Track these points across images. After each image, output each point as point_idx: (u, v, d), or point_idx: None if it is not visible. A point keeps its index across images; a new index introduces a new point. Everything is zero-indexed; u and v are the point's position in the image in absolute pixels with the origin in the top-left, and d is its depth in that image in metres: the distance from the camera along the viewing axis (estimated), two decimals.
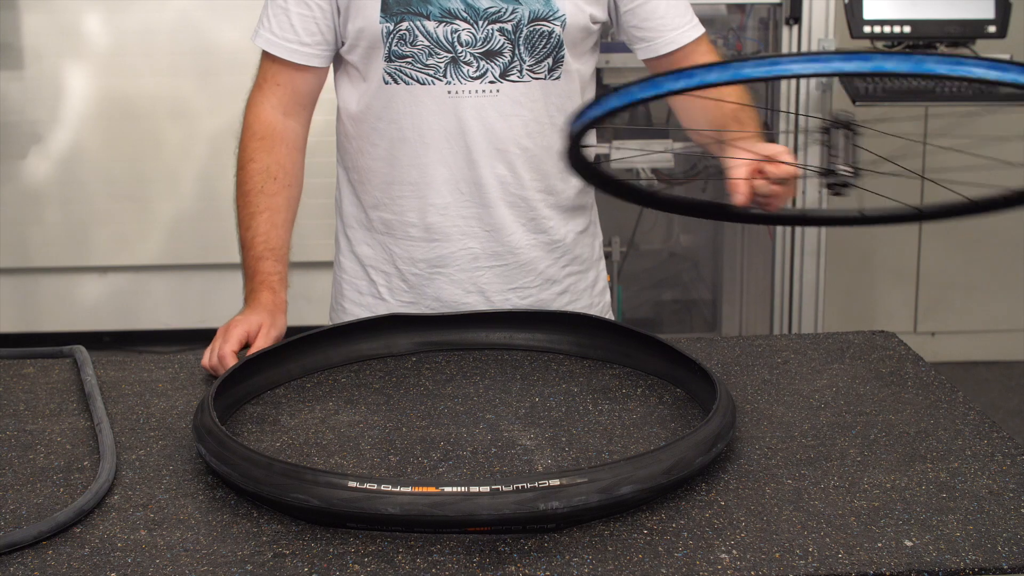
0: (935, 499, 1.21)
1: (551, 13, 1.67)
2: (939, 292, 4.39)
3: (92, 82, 4.12)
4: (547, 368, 1.61)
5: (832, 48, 3.28)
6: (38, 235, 4.24)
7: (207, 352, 1.58)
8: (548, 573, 1.07)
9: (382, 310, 1.80)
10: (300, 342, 1.59)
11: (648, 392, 1.53)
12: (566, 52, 1.71)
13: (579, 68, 1.75)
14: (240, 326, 1.60)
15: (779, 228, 3.42)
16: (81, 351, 1.66)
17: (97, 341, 4.33)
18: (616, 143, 3.49)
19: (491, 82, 1.68)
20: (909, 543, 1.12)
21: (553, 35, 1.68)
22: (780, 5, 3.32)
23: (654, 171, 3.65)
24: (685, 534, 1.14)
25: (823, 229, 3.40)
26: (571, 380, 1.57)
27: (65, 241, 4.24)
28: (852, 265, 4.32)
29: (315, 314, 4.27)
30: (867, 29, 3.29)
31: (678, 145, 3.65)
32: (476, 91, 1.68)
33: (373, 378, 1.59)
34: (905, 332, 4.30)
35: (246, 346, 1.60)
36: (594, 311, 1.87)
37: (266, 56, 1.74)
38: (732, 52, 3.64)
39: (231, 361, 1.54)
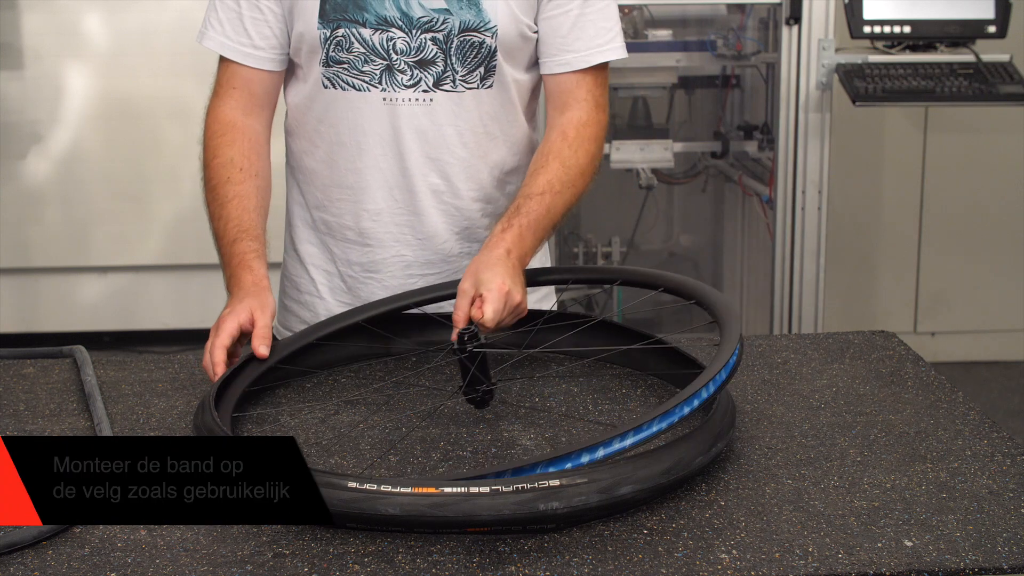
0: (935, 499, 1.21)
1: (482, 24, 1.66)
2: (939, 292, 4.40)
3: (92, 82, 4.12)
4: (547, 368, 1.61)
5: (833, 47, 3.28)
6: (38, 235, 4.24)
7: (205, 352, 1.53)
8: (548, 573, 1.07)
9: (320, 308, 1.79)
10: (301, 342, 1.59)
11: (648, 392, 1.53)
12: (499, 62, 1.68)
13: (517, 78, 1.72)
14: (229, 319, 1.53)
15: (779, 227, 3.42)
16: (81, 351, 1.66)
17: (97, 341, 4.33)
18: (616, 143, 3.49)
19: (425, 91, 1.67)
20: (909, 543, 1.12)
21: (484, 45, 1.67)
22: (780, 5, 3.31)
23: (654, 171, 3.64)
24: (685, 534, 1.14)
25: (823, 229, 3.40)
26: (571, 380, 1.57)
27: (65, 241, 4.24)
28: (852, 265, 4.32)
29: None
30: (867, 29, 3.28)
31: (678, 145, 3.65)
32: (411, 99, 1.68)
33: (373, 378, 1.59)
34: (905, 332, 4.30)
35: (248, 341, 1.56)
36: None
37: (221, 60, 1.72)
38: (732, 52, 3.64)
39: (222, 357, 1.49)
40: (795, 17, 3.28)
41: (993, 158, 4.28)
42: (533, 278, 1.63)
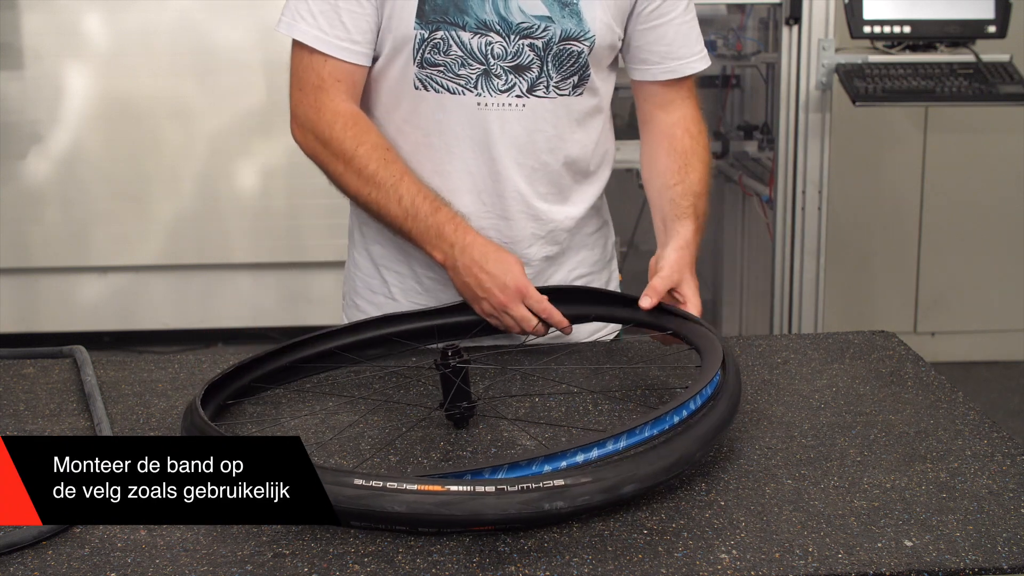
0: (935, 499, 1.21)
1: (582, 33, 1.66)
2: (939, 292, 4.40)
3: (92, 82, 4.12)
4: (547, 368, 1.61)
5: (833, 47, 3.28)
6: (38, 235, 4.24)
7: (519, 316, 1.60)
8: (548, 573, 1.07)
9: (392, 311, 1.77)
10: (303, 343, 1.58)
11: (648, 392, 1.53)
12: (591, 71, 1.69)
13: (601, 86, 1.74)
14: (525, 282, 1.61)
15: (779, 227, 3.42)
16: (81, 351, 1.66)
17: (97, 341, 4.33)
18: (616, 143, 3.48)
19: (518, 96, 1.66)
20: (909, 543, 1.12)
21: (581, 55, 1.67)
22: (780, 5, 3.32)
23: None
24: (685, 534, 1.14)
25: (823, 229, 3.40)
26: (571, 380, 1.57)
27: (65, 241, 4.24)
28: (852, 265, 4.32)
29: (316, 314, 4.28)
30: (867, 29, 3.29)
31: None
32: (504, 104, 1.66)
33: (373, 378, 1.59)
34: (905, 332, 4.30)
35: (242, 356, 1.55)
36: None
37: (311, 53, 1.64)
38: (732, 52, 3.64)
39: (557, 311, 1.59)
40: (795, 17, 3.28)
41: (993, 158, 4.28)
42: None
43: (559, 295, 1.65)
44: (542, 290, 1.64)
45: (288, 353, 1.56)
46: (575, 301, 1.66)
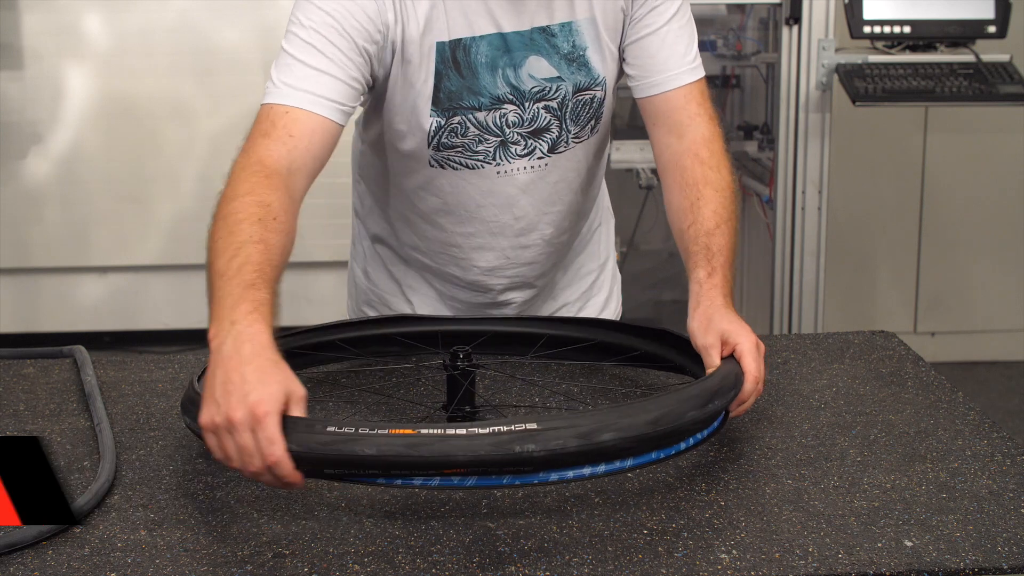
0: (935, 499, 1.21)
1: (593, 81, 1.61)
2: (939, 292, 4.40)
3: (92, 82, 4.12)
4: (547, 368, 1.61)
5: (833, 47, 3.29)
6: (38, 235, 4.24)
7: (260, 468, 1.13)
8: (548, 573, 1.08)
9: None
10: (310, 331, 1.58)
11: (648, 393, 1.53)
12: (605, 109, 1.65)
13: (606, 111, 1.68)
14: (271, 411, 1.11)
15: (779, 227, 3.42)
16: (81, 351, 1.66)
17: (97, 341, 4.33)
18: (616, 143, 3.49)
19: (539, 157, 1.62)
20: (909, 543, 1.12)
21: (595, 99, 1.62)
22: (780, 5, 3.32)
23: (654, 171, 3.64)
24: (685, 534, 1.14)
25: (823, 229, 3.40)
26: (571, 380, 1.57)
27: (65, 241, 4.24)
28: (852, 265, 4.32)
29: (316, 314, 4.27)
30: (867, 29, 3.29)
31: None
32: (525, 167, 1.62)
33: (373, 378, 1.59)
34: (905, 332, 4.30)
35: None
36: (615, 295, 1.89)
37: (278, 105, 1.49)
38: (732, 52, 3.64)
39: (289, 463, 1.11)
40: (795, 17, 3.28)
41: (993, 158, 4.28)
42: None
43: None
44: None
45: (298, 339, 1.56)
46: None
